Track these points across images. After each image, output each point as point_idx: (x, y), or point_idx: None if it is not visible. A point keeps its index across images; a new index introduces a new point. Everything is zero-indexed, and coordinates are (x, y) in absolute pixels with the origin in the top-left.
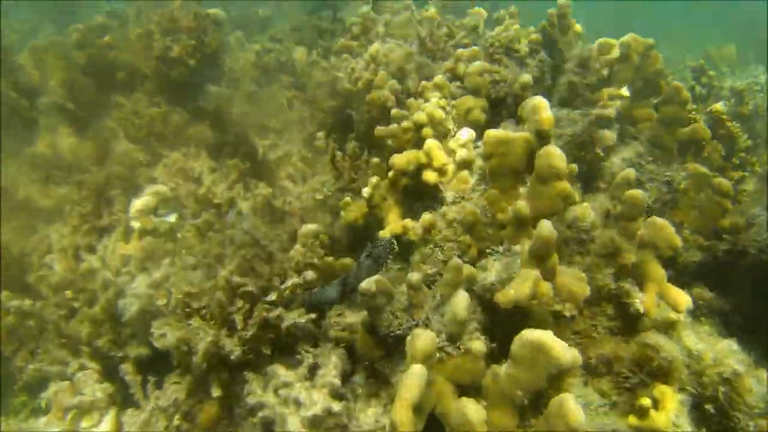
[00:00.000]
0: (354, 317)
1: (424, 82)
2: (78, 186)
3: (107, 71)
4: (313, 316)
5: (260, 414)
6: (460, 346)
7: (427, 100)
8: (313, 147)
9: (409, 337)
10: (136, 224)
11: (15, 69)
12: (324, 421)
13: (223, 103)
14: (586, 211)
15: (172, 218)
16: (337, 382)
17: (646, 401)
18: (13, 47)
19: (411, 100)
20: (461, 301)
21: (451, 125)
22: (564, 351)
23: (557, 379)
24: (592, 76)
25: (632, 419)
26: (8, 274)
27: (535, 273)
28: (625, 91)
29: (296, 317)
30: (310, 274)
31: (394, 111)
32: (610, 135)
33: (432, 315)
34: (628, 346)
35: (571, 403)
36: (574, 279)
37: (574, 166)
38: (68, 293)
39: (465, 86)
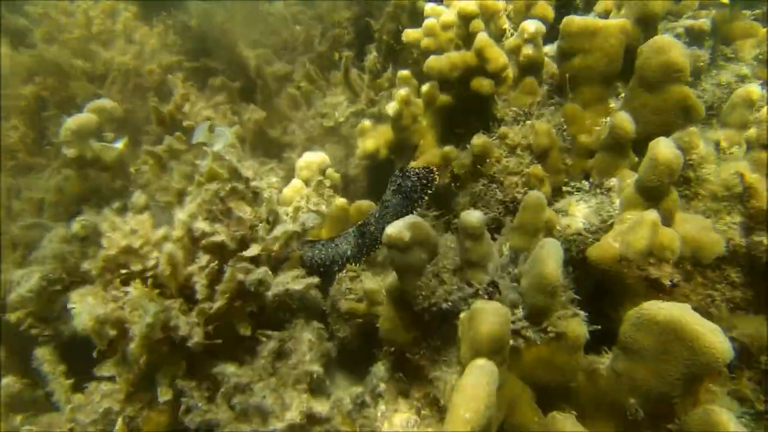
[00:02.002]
0: (375, 282)
1: None
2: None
3: None
4: (315, 280)
5: None
6: (548, 328)
7: None
8: (323, 68)
9: (464, 314)
10: (68, 152)
11: None
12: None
13: (209, 19)
14: (695, 137)
15: (121, 144)
16: (318, 369)
17: None
18: None
19: None
20: (551, 253)
21: (506, 25)
22: (718, 339)
23: (695, 381)
24: None
25: None
26: None
27: (651, 216)
28: None
29: (289, 281)
30: (311, 218)
31: (428, 7)
32: (702, 54)
33: (500, 278)
34: None
35: (730, 422)
36: (700, 228)
37: None
38: None
39: None
